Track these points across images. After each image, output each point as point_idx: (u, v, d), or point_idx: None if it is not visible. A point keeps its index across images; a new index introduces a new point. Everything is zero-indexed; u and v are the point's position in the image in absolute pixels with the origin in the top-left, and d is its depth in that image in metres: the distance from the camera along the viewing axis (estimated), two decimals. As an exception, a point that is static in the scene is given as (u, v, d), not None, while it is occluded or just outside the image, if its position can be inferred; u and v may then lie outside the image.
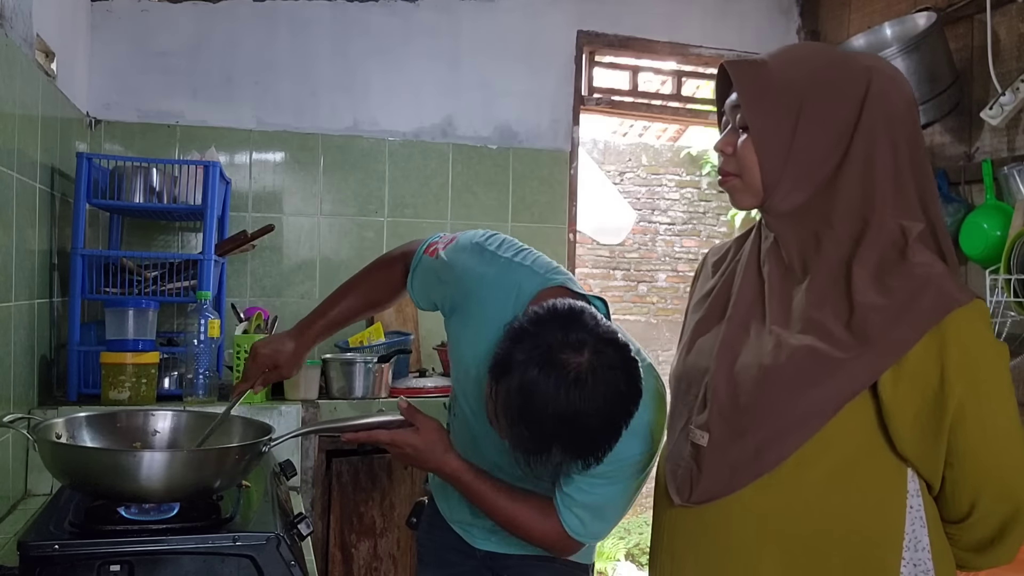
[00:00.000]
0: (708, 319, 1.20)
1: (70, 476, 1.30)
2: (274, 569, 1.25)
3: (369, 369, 2.27)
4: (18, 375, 1.81)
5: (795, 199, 1.08)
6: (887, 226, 1.04)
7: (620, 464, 1.25)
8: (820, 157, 1.06)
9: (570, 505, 1.31)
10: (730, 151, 1.11)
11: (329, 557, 2.21)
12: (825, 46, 1.14)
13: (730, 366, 1.10)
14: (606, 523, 1.34)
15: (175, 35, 2.59)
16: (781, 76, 1.06)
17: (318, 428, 1.78)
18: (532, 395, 1.08)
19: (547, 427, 1.08)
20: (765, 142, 1.07)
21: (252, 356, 1.53)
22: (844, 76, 1.06)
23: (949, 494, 1.04)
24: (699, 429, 1.11)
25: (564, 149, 2.96)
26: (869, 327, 1.00)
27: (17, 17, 1.75)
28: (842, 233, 1.05)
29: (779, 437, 1.03)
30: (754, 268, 1.16)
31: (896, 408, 1.00)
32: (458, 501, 1.49)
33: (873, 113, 1.04)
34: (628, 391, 1.11)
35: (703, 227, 6.17)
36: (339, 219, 2.74)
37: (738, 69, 1.09)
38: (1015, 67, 2.39)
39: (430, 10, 2.82)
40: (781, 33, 3.23)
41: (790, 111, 1.05)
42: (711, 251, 1.33)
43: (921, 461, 1.03)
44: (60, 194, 2.13)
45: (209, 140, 2.57)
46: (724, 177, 1.14)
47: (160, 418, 1.54)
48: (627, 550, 5.24)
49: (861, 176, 1.04)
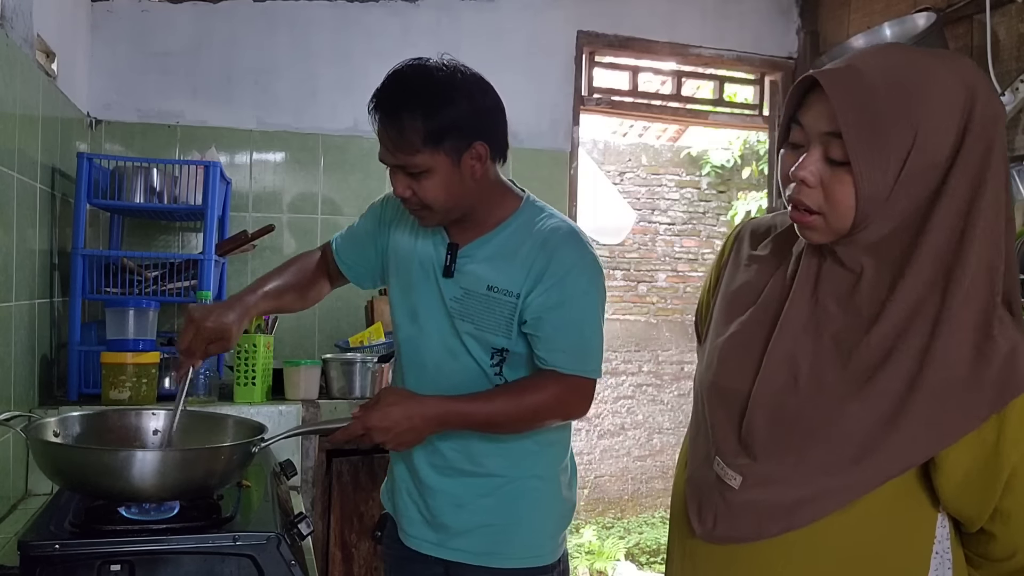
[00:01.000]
0: (746, 338, 1.06)
1: (62, 475, 1.30)
2: (274, 569, 1.25)
3: (369, 369, 2.27)
4: (19, 375, 1.81)
5: (881, 232, 0.95)
6: (979, 273, 0.92)
7: (565, 283, 1.37)
8: (921, 188, 0.92)
9: (547, 348, 1.38)
10: (813, 182, 0.94)
11: (329, 557, 2.22)
12: (921, 53, 0.97)
13: (772, 409, 1.00)
14: (589, 348, 1.41)
15: (175, 35, 2.59)
16: (889, 101, 0.90)
17: (311, 429, 1.78)
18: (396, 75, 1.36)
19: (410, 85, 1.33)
20: (871, 182, 0.91)
21: (195, 329, 1.41)
22: (950, 95, 0.92)
23: (987, 542, 0.99)
24: (731, 470, 1.03)
25: (564, 149, 2.96)
26: (939, 394, 0.91)
27: (17, 17, 1.76)
28: (928, 274, 0.92)
29: (818, 500, 0.97)
30: (808, 294, 1.01)
31: (947, 468, 0.93)
32: (419, 522, 1.48)
33: (976, 143, 0.91)
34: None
35: (703, 227, 6.17)
36: (339, 219, 2.74)
37: (839, 89, 0.91)
38: (1015, 67, 2.39)
39: (430, 10, 2.82)
40: (781, 33, 3.23)
41: (901, 146, 0.90)
42: (747, 231, 1.18)
43: (962, 514, 0.97)
44: (60, 194, 2.13)
45: (209, 140, 2.57)
46: (804, 214, 0.97)
47: (159, 418, 1.54)
48: (627, 550, 5.24)
49: (957, 211, 0.92)
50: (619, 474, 5.86)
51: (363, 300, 2.74)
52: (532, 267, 1.38)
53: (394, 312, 1.54)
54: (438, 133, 1.31)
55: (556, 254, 1.38)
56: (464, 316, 1.42)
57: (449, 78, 1.34)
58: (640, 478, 5.89)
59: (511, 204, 1.46)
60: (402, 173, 1.36)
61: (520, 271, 1.39)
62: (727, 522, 1.03)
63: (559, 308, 1.37)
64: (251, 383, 2.13)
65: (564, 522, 1.53)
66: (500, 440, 1.44)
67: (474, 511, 1.45)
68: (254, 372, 2.13)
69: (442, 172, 1.34)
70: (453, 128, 1.32)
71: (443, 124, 1.31)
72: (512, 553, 1.44)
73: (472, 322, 1.41)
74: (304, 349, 2.66)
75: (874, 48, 0.99)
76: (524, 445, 1.45)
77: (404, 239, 1.52)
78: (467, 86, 1.36)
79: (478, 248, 1.43)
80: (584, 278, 1.40)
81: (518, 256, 1.40)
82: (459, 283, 1.43)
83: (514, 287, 1.39)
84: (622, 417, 5.90)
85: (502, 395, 1.40)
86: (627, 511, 5.83)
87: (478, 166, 1.37)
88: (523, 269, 1.39)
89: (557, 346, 1.38)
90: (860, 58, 0.95)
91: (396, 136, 1.33)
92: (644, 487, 5.90)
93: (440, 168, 1.34)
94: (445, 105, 1.32)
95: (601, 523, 5.60)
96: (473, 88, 1.37)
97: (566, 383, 1.39)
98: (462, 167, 1.36)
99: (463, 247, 1.44)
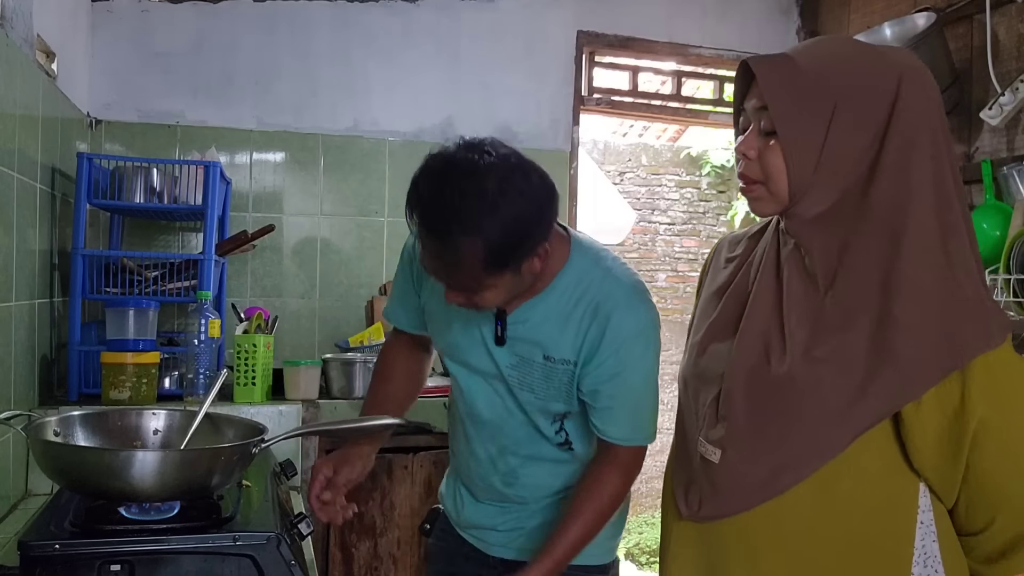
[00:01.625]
0: (722, 323, 1.14)
1: (62, 475, 1.30)
2: (274, 569, 1.25)
3: (369, 369, 2.27)
4: (19, 375, 1.81)
5: (822, 205, 1.02)
6: (928, 239, 0.96)
7: (620, 352, 1.28)
8: (852, 161, 1.00)
9: (604, 420, 1.32)
10: (753, 155, 1.04)
11: (329, 557, 2.22)
12: (852, 41, 1.07)
13: (746, 382, 1.06)
14: (644, 415, 1.35)
15: (175, 35, 2.59)
16: (811, 76, 0.99)
17: (311, 430, 1.77)
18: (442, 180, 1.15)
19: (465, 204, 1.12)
20: (795, 148, 1.00)
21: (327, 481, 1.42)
22: (875, 73, 1.00)
23: (963, 510, 1.02)
24: (712, 445, 1.08)
25: (564, 149, 2.96)
26: (901, 353, 0.95)
27: (17, 17, 1.76)
28: (874, 245, 0.98)
29: (795, 463, 1.00)
30: (772, 274, 1.09)
31: (917, 427, 0.97)
32: (472, 507, 1.48)
33: (906, 115, 0.98)
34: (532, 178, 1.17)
35: (703, 227, 6.17)
36: (339, 219, 2.74)
37: (764, 68, 1.01)
38: (1014, 67, 2.39)
39: (430, 10, 2.82)
40: (781, 33, 3.23)
41: (822, 114, 0.99)
42: (724, 242, 1.27)
43: (938, 479, 1.00)
44: (60, 194, 2.13)
45: (209, 140, 2.57)
46: (747, 185, 1.06)
47: (160, 418, 1.54)
48: (627, 550, 5.24)
49: (896, 179, 0.98)
50: (619, 474, 5.86)
51: (363, 300, 2.75)
52: (587, 335, 1.29)
53: (444, 359, 1.45)
54: (503, 259, 1.15)
55: (611, 323, 1.27)
56: (523, 386, 1.34)
57: (505, 184, 1.13)
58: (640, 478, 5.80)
59: (558, 256, 1.31)
60: (458, 290, 1.22)
61: (575, 338, 1.30)
62: (712, 500, 1.07)
63: (615, 379, 1.29)
64: (251, 383, 2.13)
65: (621, 521, 1.53)
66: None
67: (534, 512, 1.44)
68: (254, 372, 2.13)
69: (503, 285, 1.21)
70: (519, 247, 1.16)
71: (508, 248, 1.15)
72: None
73: (531, 392, 1.34)
74: (304, 349, 2.66)
75: (811, 39, 1.07)
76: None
77: (439, 301, 1.34)
78: (527, 188, 1.16)
79: (528, 311, 1.32)
80: (640, 344, 1.30)
81: (571, 322, 1.30)
82: (513, 350, 1.33)
83: (570, 355, 1.30)
84: (622, 417, 5.90)
85: (576, 521, 1.33)
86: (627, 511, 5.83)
87: (538, 263, 1.22)
88: (578, 337, 1.29)
89: (613, 418, 1.32)
90: (794, 47, 1.06)
91: (452, 264, 1.16)
92: (644, 487, 5.90)
93: (502, 284, 1.20)
94: (509, 227, 1.13)
95: (601, 523, 5.60)
96: (537, 190, 1.18)
97: (625, 460, 1.35)
98: (523, 272, 1.21)
99: (511, 312, 1.32)
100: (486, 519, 1.47)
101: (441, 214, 1.13)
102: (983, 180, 2.40)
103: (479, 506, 1.48)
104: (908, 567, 1.00)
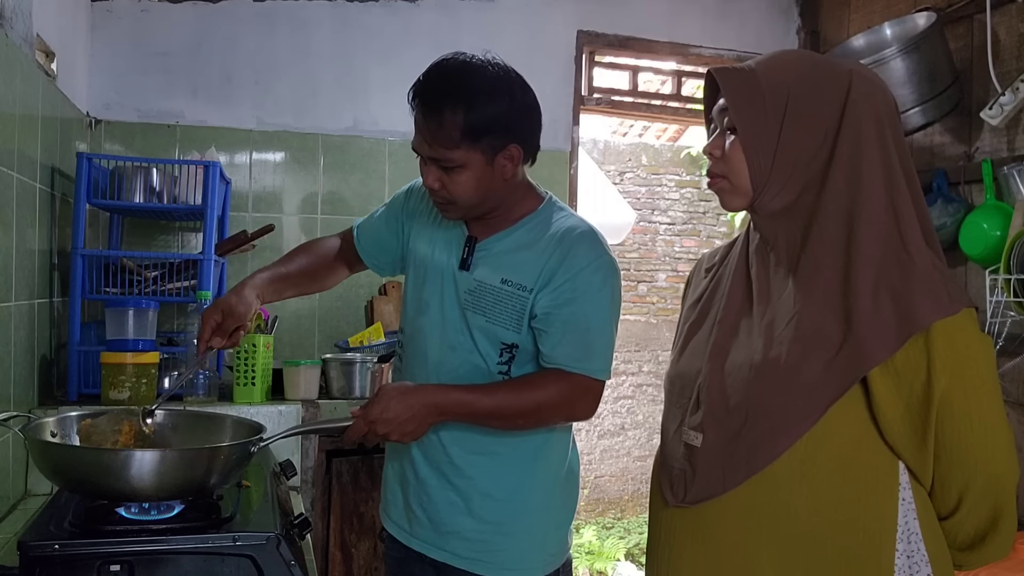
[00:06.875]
0: (699, 321, 1.22)
1: (61, 475, 1.30)
2: (274, 569, 1.25)
3: (369, 369, 2.27)
4: (18, 375, 1.81)
5: (783, 199, 1.10)
6: (880, 220, 1.05)
7: (577, 280, 1.37)
8: (807, 157, 1.08)
9: (553, 343, 1.38)
10: (718, 153, 1.14)
11: (329, 557, 2.22)
12: (809, 52, 1.19)
13: (722, 367, 1.12)
14: (596, 347, 1.40)
15: (175, 35, 2.59)
16: (767, 79, 1.09)
17: (310, 428, 1.77)
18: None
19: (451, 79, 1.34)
20: (752, 143, 1.09)
21: (214, 306, 1.48)
22: (826, 78, 1.10)
23: (938, 488, 1.06)
24: (692, 430, 1.13)
25: (564, 149, 2.96)
26: (860, 323, 1.02)
27: (17, 17, 1.76)
28: (832, 229, 1.07)
29: (771, 437, 1.05)
30: (742, 269, 1.18)
31: (886, 403, 1.03)
32: (422, 521, 1.47)
33: (856, 112, 1.07)
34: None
35: (703, 227, 6.17)
36: (339, 219, 2.74)
37: (725, 74, 1.12)
38: (1015, 67, 2.39)
39: (430, 10, 2.82)
40: (781, 33, 3.23)
41: (775, 112, 1.08)
42: (703, 257, 1.36)
43: (911, 455, 1.04)
44: (60, 194, 2.13)
45: (209, 140, 2.57)
46: (712, 179, 1.16)
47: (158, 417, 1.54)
48: (627, 550, 5.24)
49: (848, 173, 1.06)
50: (619, 474, 5.87)
51: (363, 300, 2.75)
52: (547, 263, 1.39)
53: (405, 305, 1.55)
54: (478, 130, 1.32)
55: (571, 251, 1.39)
56: (476, 308, 1.42)
57: (494, 75, 1.35)
58: (640, 478, 5.89)
59: (532, 202, 1.47)
60: (435, 166, 1.37)
61: (535, 267, 1.40)
62: (695, 483, 1.11)
63: (568, 305, 1.38)
64: (251, 383, 2.13)
65: (568, 512, 1.52)
66: (495, 451, 1.43)
67: (466, 514, 1.44)
68: (254, 372, 2.13)
69: (474, 169, 1.35)
70: (493, 126, 1.33)
71: (484, 121, 1.32)
72: (500, 563, 1.43)
73: (483, 314, 1.42)
74: (304, 349, 2.66)
75: (771, 52, 1.17)
76: (523, 452, 1.44)
77: (426, 230, 1.53)
78: (511, 85, 1.36)
79: (496, 242, 1.44)
80: (597, 276, 1.40)
81: (534, 252, 1.41)
82: (474, 276, 1.44)
83: (527, 282, 1.40)
84: (622, 417, 5.90)
85: (504, 388, 1.40)
86: (627, 511, 5.83)
87: (509, 166, 1.38)
88: (537, 265, 1.40)
89: (562, 342, 1.38)
90: (755, 59, 1.16)
91: (435, 128, 1.33)
92: (644, 487, 5.90)
93: (473, 165, 1.35)
94: (488, 102, 1.32)
95: (601, 523, 5.60)
96: (516, 87, 1.37)
97: (570, 381, 1.38)
98: (494, 166, 1.37)
99: (481, 240, 1.45)
100: (435, 530, 1.46)
101: (436, 86, 1.35)
102: (983, 180, 2.40)
103: (420, 486, 1.48)
104: (892, 543, 1.04)
